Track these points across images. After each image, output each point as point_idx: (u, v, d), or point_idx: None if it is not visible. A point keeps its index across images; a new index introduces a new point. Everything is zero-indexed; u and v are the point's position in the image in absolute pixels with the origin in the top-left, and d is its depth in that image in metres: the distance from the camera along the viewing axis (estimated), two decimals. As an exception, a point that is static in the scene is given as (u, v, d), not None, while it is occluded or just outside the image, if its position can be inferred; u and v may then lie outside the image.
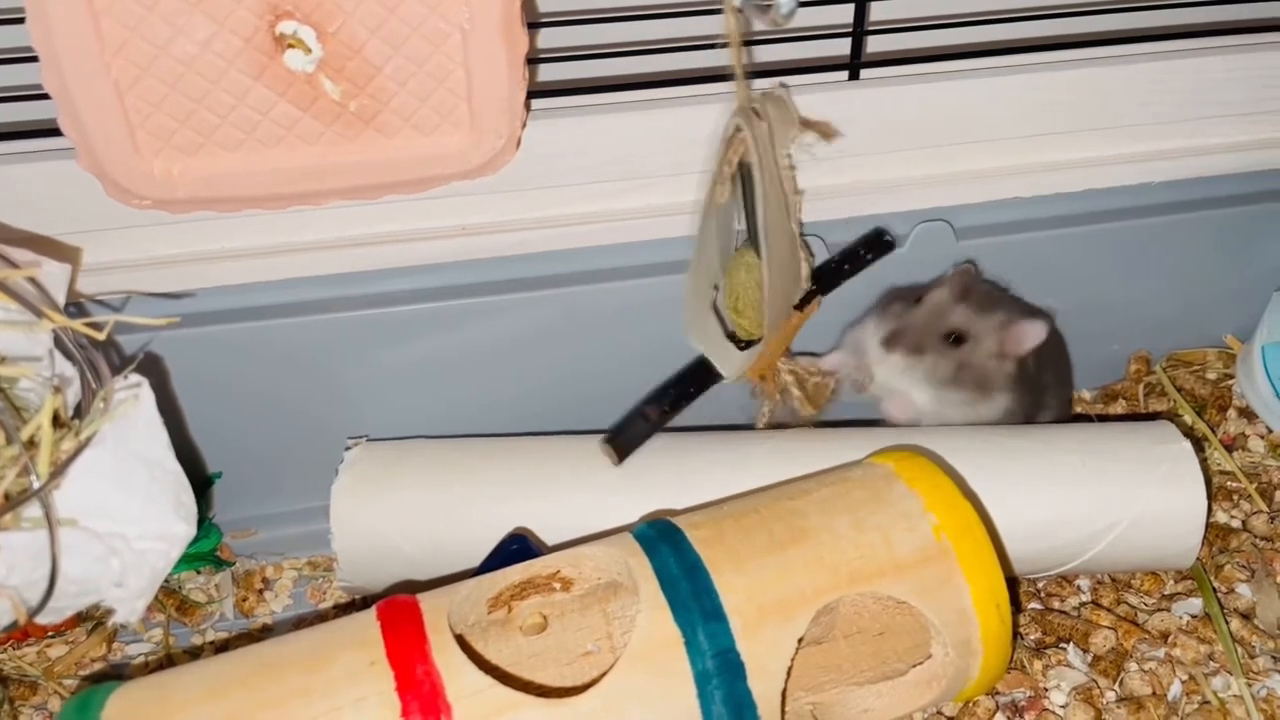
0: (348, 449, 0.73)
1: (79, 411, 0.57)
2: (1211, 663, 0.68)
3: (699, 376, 0.73)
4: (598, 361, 0.78)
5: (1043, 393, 0.78)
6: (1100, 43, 0.74)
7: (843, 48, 0.71)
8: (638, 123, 0.70)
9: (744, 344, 0.73)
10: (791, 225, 0.71)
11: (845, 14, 0.69)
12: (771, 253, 0.66)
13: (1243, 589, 0.73)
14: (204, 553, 0.77)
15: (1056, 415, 0.81)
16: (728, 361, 0.72)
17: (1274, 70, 0.76)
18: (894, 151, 0.75)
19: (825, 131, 0.70)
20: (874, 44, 0.72)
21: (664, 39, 0.69)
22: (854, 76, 0.72)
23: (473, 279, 0.73)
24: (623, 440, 0.70)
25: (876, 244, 0.75)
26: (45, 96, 0.59)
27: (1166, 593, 0.73)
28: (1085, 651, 0.69)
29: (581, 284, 0.74)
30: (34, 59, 0.58)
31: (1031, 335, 0.74)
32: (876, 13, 0.70)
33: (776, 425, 0.77)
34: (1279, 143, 0.79)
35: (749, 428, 0.78)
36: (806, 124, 0.70)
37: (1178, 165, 0.78)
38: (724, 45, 0.65)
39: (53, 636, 0.72)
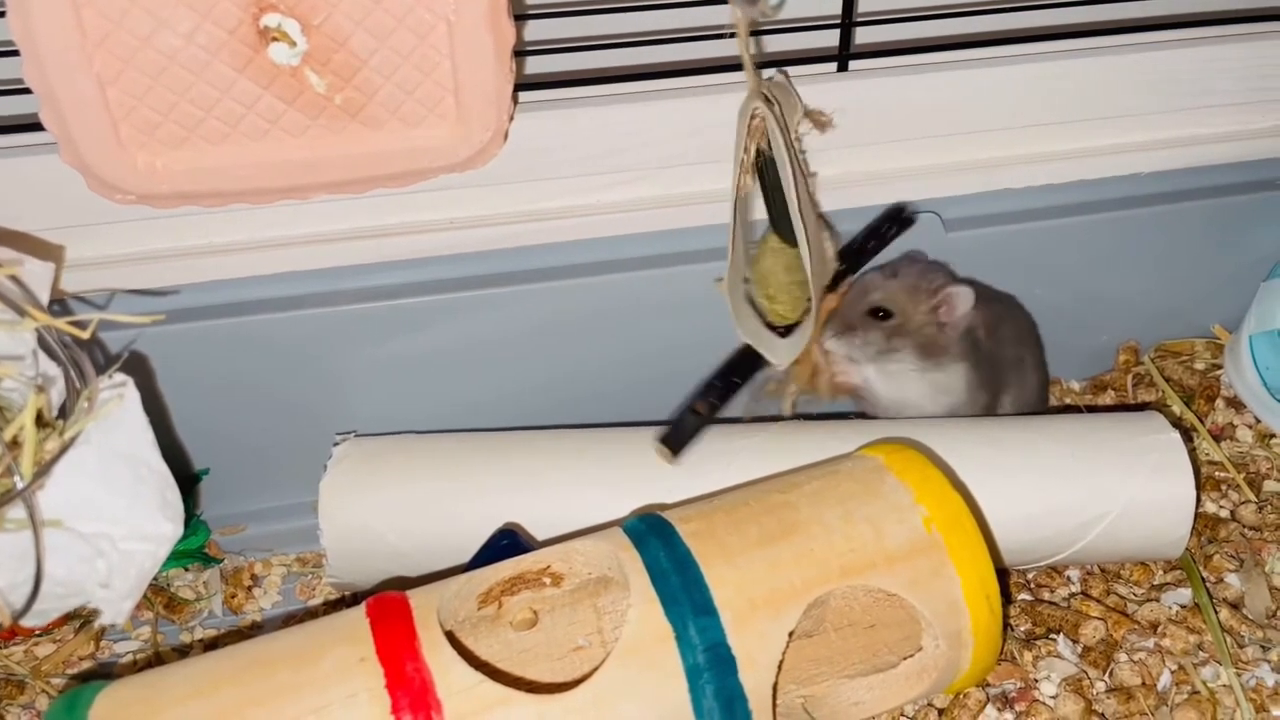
0: (336, 444, 0.73)
1: (63, 411, 0.57)
2: (1201, 652, 0.69)
3: (743, 366, 0.73)
4: (588, 356, 0.78)
5: (1003, 368, 0.78)
6: (1088, 33, 0.74)
7: (831, 39, 0.71)
8: (626, 115, 0.69)
9: (782, 330, 0.73)
10: (815, 205, 0.70)
11: (834, 5, 0.69)
12: (807, 232, 0.66)
13: (1231, 579, 0.73)
14: (192, 550, 0.77)
15: (1027, 398, 0.80)
16: (776, 350, 0.73)
17: (1262, 60, 0.76)
18: (883, 143, 0.74)
19: (819, 121, 0.70)
20: (862, 35, 0.72)
21: (652, 31, 0.68)
22: (843, 68, 0.72)
23: (460, 273, 0.72)
24: (676, 438, 0.70)
25: (897, 219, 0.75)
26: (26, 91, 0.59)
27: (1156, 583, 0.73)
28: (1075, 642, 0.69)
29: (570, 278, 0.74)
30: (15, 53, 0.57)
31: (961, 299, 0.73)
32: (865, 4, 0.70)
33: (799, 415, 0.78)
34: (1267, 133, 0.79)
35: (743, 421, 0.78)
36: (806, 112, 0.70)
37: (1166, 156, 0.78)
38: (713, 37, 0.65)
39: (40, 635, 0.72)
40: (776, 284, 0.71)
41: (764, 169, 0.67)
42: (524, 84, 0.67)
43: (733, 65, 0.68)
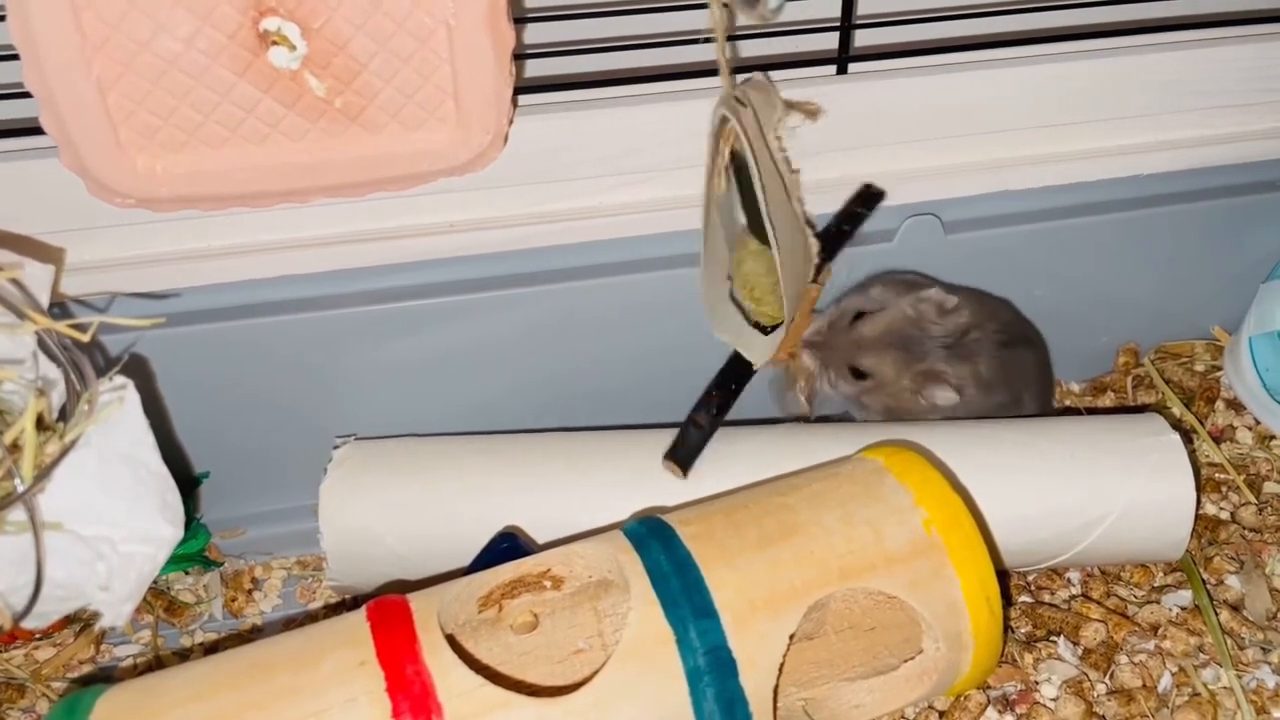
0: (336, 447, 0.73)
1: (63, 414, 0.56)
2: (1201, 654, 0.68)
3: (737, 372, 0.73)
4: (586, 358, 0.78)
5: (992, 412, 0.76)
6: (1088, 35, 0.74)
7: (830, 42, 0.71)
8: (625, 118, 0.69)
9: (769, 330, 0.74)
10: (793, 205, 0.71)
11: (833, 8, 0.69)
12: (779, 236, 0.67)
13: (1232, 580, 0.73)
14: (192, 553, 0.77)
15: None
16: (754, 349, 0.73)
17: (1262, 62, 0.76)
18: (882, 145, 0.75)
19: (810, 111, 0.70)
20: (861, 38, 0.72)
21: (650, 34, 0.68)
22: (842, 71, 0.72)
23: (460, 276, 0.72)
24: (683, 453, 0.70)
25: (867, 198, 0.75)
26: (26, 95, 0.59)
27: (1156, 585, 0.73)
28: (1076, 644, 0.69)
29: (569, 280, 0.74)
30: (15, 57, 0.57)
31: (940, 399, 0.73)
32: (864, 7, 0.70)
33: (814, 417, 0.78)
34: (1267, 134, 0.79)
35: (755, 422, 0.78)
36: (791, 105, 0.70)
37: (1165, 157, 0.78)
38: (709, 40, 0.65)
39: (40, 639, 0.72)
40: (761, 286, 0.71)
41: (741, 172, 0.67)
42: (523, 87, 0.67)
43: (734, 68, 0.68)
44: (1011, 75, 0.73)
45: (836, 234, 0.75)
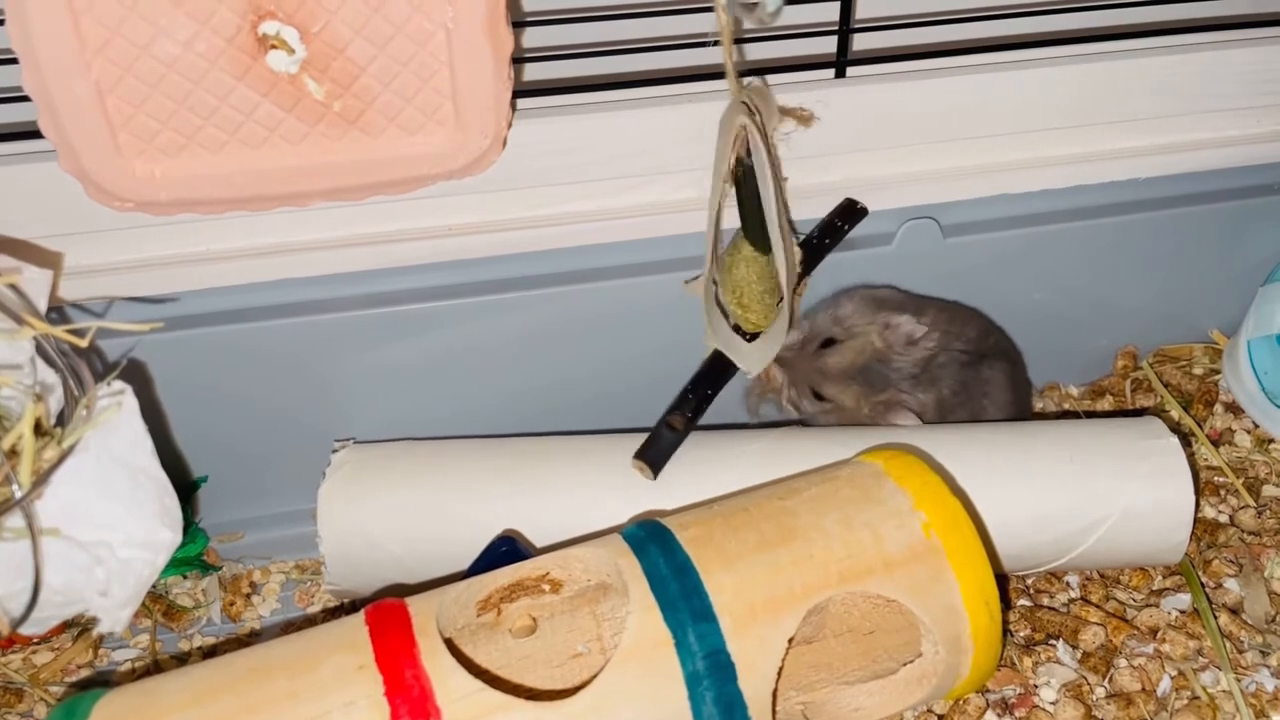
0: (334, 451, 0.73)
1: (61, 419, 0.56)
2: (1200, 658, 0.68)
3: (714, 377, 0.73)
4: (585, 361, 0.78)
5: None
6: (1087, 39, 0.74)
7: (829, 45, 0.71)
8: (624, 122, 0.69)
9: (750, 336, 0.73)
10: (786, 210, 0.71)
11: (831, 12, 0.69)
12: (783, 242, 0.67)
13: (1230, 584, 0.73)
14: (190, 557, 0.77)
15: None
16: (747, 356, 0.73)
17: (1259, 65, 0.76)
18: (880, 149, 0.75)
19: (803, 118, 0.70)
20: (860, 41, 0.72)
21: (649, 38, 0.68)
22: (840, 74, 0.72)
23: (459, 279, 0.72)
24: (653, 454, 0.69)
25: (849, 213, 0.75)
26: (25, 98, 0.59)
27: (1155, 588, 0.73)
28: (1075, 648, 0.69)
29: (568, 284, 0.74)
30: (13, 61, 0.57)
31: (901, 423, 0.73)
32: (862, 10, 0.70)
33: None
34: (1265, 138, 0.79)
35: (753, 425, 0.78)
36: (785, 112, 0.70)
37: (1164, 161, 0.78)
38: (709, 44, 0.65)
39: (38, 643, 0.72)
40: (750, 293, 0.71)
41: (741, 178, 0.67)
42: (522, 90, 0.67)
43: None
44: (1010, 79, 0.73)
45: (816, 246, 0.75)
